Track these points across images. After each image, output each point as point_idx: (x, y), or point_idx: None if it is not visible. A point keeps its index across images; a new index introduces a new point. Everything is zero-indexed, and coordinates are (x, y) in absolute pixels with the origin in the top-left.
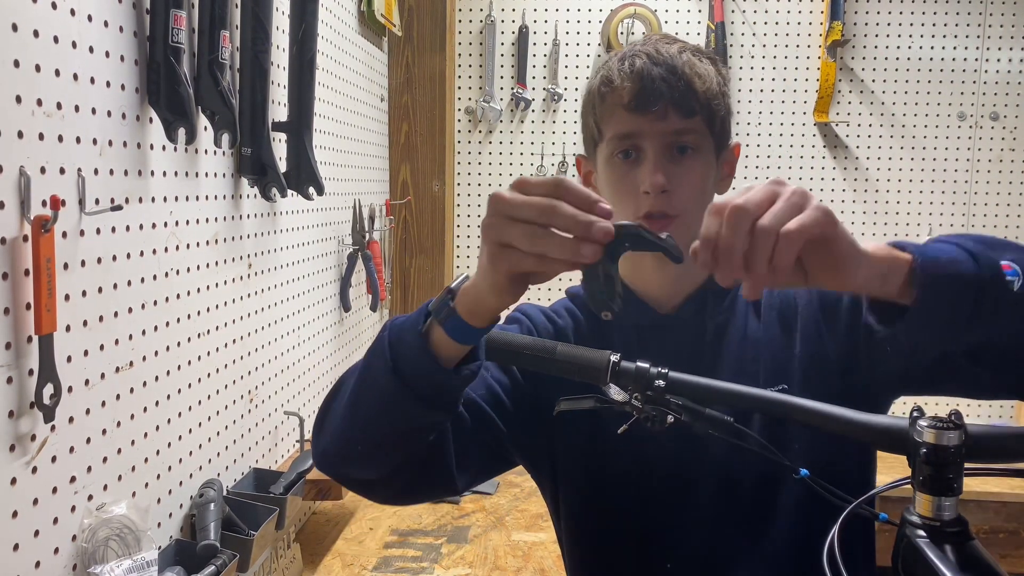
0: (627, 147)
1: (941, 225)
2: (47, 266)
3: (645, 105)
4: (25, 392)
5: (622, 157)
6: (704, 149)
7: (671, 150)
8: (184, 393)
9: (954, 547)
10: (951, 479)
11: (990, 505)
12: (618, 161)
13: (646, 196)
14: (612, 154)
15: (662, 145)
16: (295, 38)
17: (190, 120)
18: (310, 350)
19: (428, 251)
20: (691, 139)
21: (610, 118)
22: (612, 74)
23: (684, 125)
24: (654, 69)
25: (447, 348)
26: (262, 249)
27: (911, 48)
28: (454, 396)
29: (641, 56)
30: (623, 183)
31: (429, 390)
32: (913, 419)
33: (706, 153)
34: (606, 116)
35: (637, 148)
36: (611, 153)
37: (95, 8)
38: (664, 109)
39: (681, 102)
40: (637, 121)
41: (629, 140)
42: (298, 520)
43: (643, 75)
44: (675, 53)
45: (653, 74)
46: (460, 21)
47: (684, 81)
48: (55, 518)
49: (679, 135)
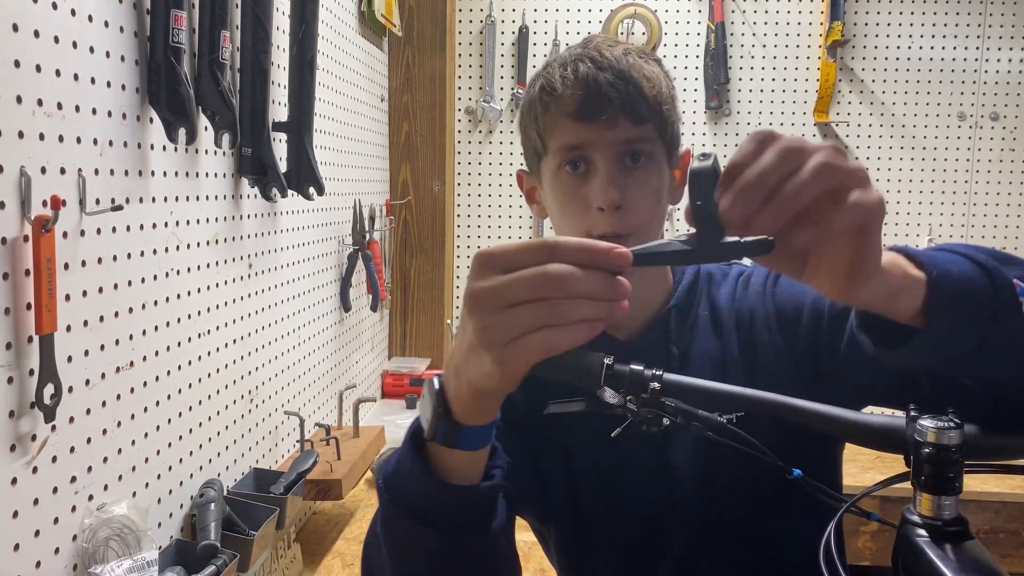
0: (575, 158)
1: (941, 225)
2: (48, 266)
3: (593, 113)
4: (26, 392)
5: (570, 169)
6: (657, 157)
7: (623, 159)
8: (184, 393)
9: (954, 547)
10: (952, 478)
11: (990, 505)
12: (566, 174)
13: (600, 213)
14: (559, 167)
15: (613, 155)
16: (295, 38)
17: (190, 120)
18: (310, 350)
19: (428, 251)
20: (644, 147)
21: (555, 128)
22: (554, 81)
23: (636, 133)
24: (600, 74)
25: (464, 463)
26: (262, 249)
27: (911, 48)
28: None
29: (584, 61)
30: (573, 198)
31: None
32: (911, 419)
33: (659, 161)
34: (550, 127)
35: (586, 159)
36: (558, 166)
37: (95, 8)
38: (614, 117)
39: (631, 108)
40: (585, 131)
41: (577, 151)
42: (298, 520)
43: (588, 81)
44: (620, 56)
45: (599, 80)
46: (460, 21)
47: (633, 86)
48: (55, 518)
49: (631, 143)
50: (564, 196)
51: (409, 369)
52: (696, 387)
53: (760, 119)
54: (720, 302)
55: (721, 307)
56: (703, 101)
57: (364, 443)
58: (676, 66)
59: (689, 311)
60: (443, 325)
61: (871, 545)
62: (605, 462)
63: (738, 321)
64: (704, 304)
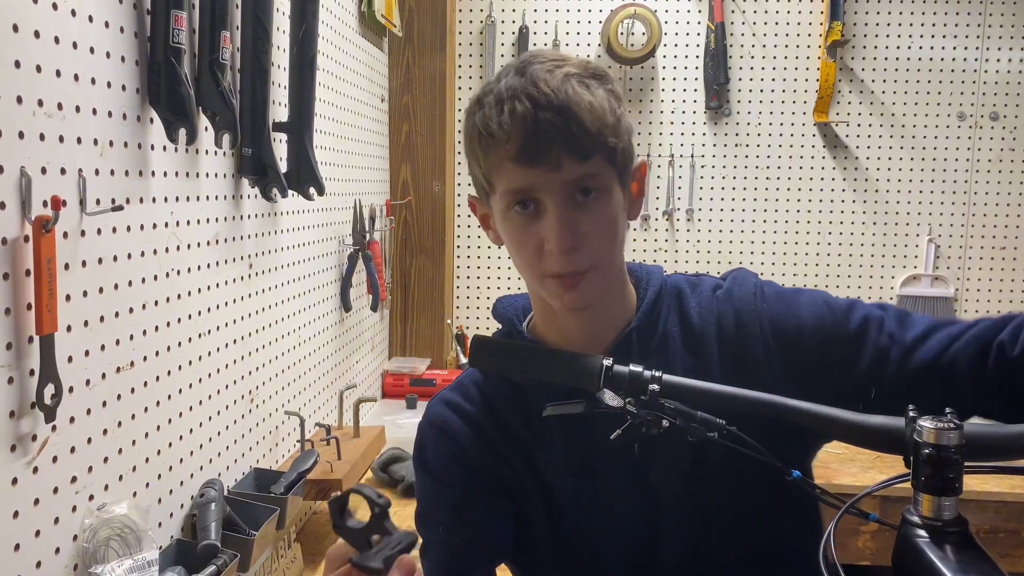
0: (523, 199)
1: (941, 225)
2: (48, 266)
3: (535, 158)
4: (26, 392)
5: (520, 209)
6: (608, 185)
7: (573, 196)
8: (185, 393)
9: (954, 547)
10: (952, 479)
11: (990, 505)
12: (515, 215)
13: (554, 254)
14: (508, 207)
15: (563, 195)
16: (296, 38)
17: (191, 120)
18: (311, 350)
19: (428, 251)
20: (593, 182)
21: (498, 171)
22: (491, 124)
23: (583, 170)
24: (539, 114)
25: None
26: (263, 249)
27: (911, 48)
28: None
29: (521, 99)
30: (525, 238)
31: None
32: (910, 419)
33: (611, 190)
34: (493, 169)
35: (535, 200)
36: (506, 207)
37: (96, 9)
38: (557, 158)
39: (575, 147)
40: (529, 175)
41: (524, 194)
42: (299, 520)
43: (527, 123)
44: (558, 85)
45: (539, 120)
46: (460, 21)
47: (574, 122)
48: (56, 518)
49: (579, 181)
50: (517, 236)
51: (409, 369)
52: (696, 388)
53: (760, 119)
54: (692, 316)
55: (694, 321)
56: (703, 101)
57: (364, 443)
58: (676, 66)
59: (654, 331)
60: (443, 325)
61: (871, 545)
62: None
63: (720, 331)
64: (673, 320)
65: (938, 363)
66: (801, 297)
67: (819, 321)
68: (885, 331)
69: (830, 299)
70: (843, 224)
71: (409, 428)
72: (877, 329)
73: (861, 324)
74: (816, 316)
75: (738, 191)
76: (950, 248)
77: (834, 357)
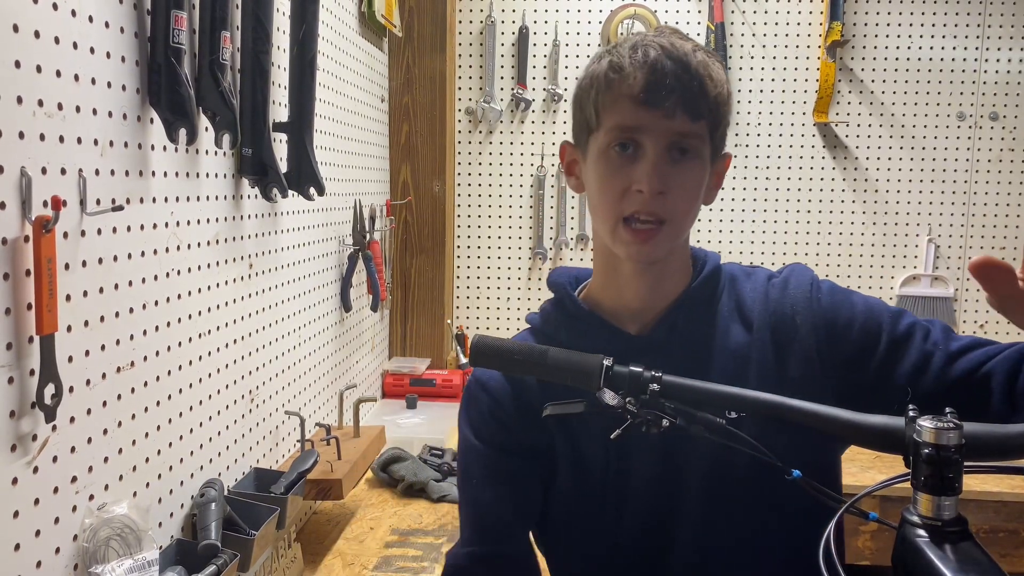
0: (626, 139)
1: (941, 225)
2: (48, 266)
3: (655, 100)
4: (26, 392)
5: (619, 150)
6: (703, 155)
7: (672, 150)
8: (185, 393)
9: (954, 547)
10: (951, 478)
11: (990, 505)
12: (614, 154)
13: (638, 195)
14: (609, 145)
15: (665, 144)
16: (296, 39)
17: (191, 120)
18: (311, 350)
19: (428, 251)
20: (694, 143)
21: (614, 107)
22: (623, 61)
23: (690, 127)
24: (668, 63)
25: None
26: (263, 249)
27: (911, 48)
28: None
29: (655, 47)
30: (615, 177)
31: None
32: (910, 419)
33: (704, 159)
34: (609, 104)
35: (636, 143)
36: (608, 144)
37: (96, 9)
38: (673, 107)
39: (691, 103)
40: (644, 115)
41: (630, 133)
42: (299, 520)
43: (656, 67)
44: (689, 51)
45: (667, 68)
46: (460, 21)
47: (697, 81)
48: (56, 518)
49: (683, 137)
50: (607, 174)
51: (409, 369)
52: (696, 388)
53: (760, 119)
54: (746, 297)
55: (749, 303)
56: None
57: (364, 443)
58: None
59: (708, 303)
60: (443, 325)
61: (871, 545)
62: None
63: (776, 318)
64: (727, 297)
65: (975, 374)
66: (854, 296)
67: (870, 317)
68: (931, 339)
69: (883, 303)
70: (843, 224)
71: (409, 428)
72: (923, 336)
73: (909, 328)
74: (868, 313)
75: (738, 191)
76: (950, 248)
77: (880, 353)
